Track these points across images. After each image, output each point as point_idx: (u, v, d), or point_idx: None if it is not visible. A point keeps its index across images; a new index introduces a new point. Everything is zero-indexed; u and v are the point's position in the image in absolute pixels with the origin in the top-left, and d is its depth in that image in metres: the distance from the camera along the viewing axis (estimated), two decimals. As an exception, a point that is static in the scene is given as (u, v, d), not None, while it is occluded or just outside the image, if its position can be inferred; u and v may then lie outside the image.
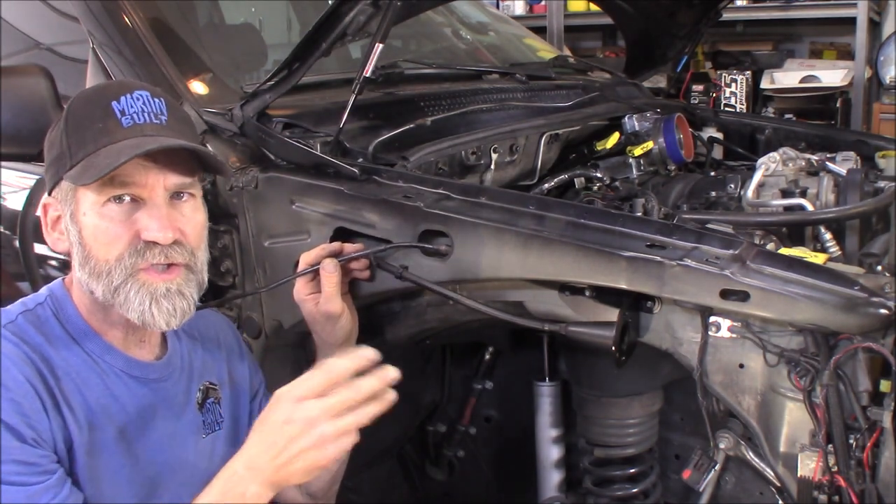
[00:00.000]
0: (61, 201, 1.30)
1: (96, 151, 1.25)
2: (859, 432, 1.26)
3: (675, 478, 2.01)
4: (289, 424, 1.18)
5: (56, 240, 1.33)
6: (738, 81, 4.17)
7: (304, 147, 1.67)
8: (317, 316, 1.52)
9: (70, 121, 1.28)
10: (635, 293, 1.40)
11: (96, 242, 1.27)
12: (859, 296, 1.24)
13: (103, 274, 1.26)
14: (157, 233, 1.26)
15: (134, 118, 1.27)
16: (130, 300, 1.26)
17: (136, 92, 1.29)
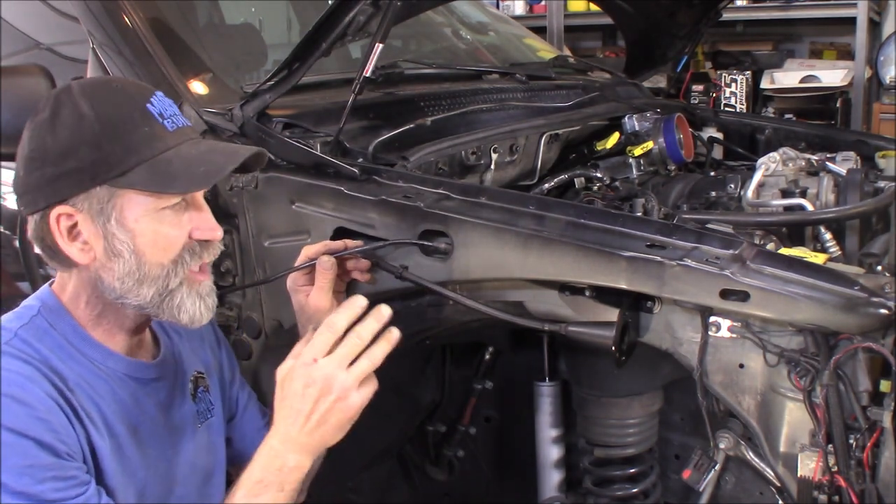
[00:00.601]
0: (87, 209, 1.23)
1: (154, 157, 1.23)
2: (859, 432, 1.26)
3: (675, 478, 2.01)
4: (309, 387, 1.26)
5: (80, 251, 1.25)
6: (738, 81, 4.17)
7: (304, 147, 1.67)
8: (305, 308, 1.53)
9: (106, 123, 1.22)
10: (635, 293, 1.40)
11: (155, 248, 1.26)
12: (859, 296, 1.24)
13: (159, 278, 1.26)
14: (212, 232, 1.30)
15: (174, 122, 1.28)
16: (184, 302, 1.29)
17: (156, 93, 1.29)
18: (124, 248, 1.25)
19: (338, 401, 1.26)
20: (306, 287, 1.54)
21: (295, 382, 1.28)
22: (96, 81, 1.32)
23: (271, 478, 1.28)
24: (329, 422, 1.27)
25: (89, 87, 1.26)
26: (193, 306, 1.30)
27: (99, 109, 1.23)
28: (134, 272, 1.25)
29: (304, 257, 1.53)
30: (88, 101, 1.23)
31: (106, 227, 1.24)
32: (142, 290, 1.26)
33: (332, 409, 1.26)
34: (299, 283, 1.55)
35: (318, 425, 1.27)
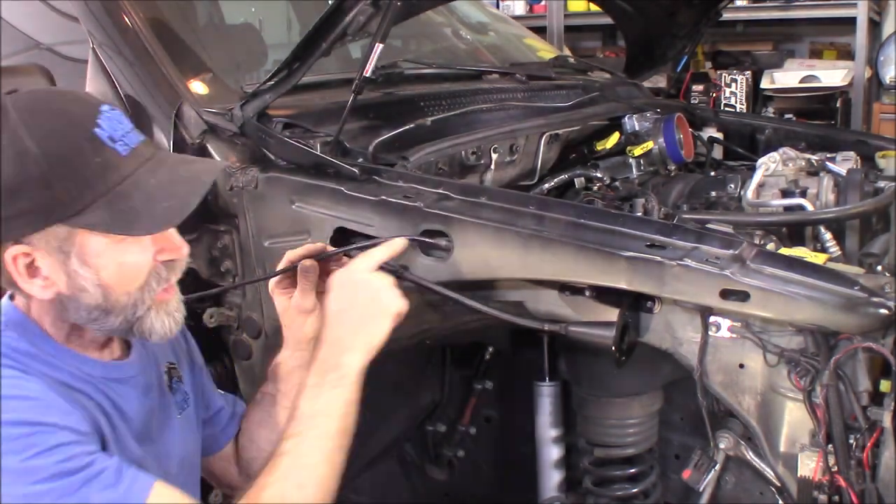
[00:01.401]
0: (45, 248, 1.17)
1: (110, 191, 1.17)
2: (859, 432, 1.26)
3: (675, 478, 2.01)
4: (344, 288, 1.37)
5: (42, 288, 1.19)
6: (738, 81, 4.17)
7: (304, 147, 1.67)
8: (289, 311, 1.53)
9: (52, 161, 1.13)
10: (635, 293, 1.40)
11: (121, 279, 1.21)
12: (859, 296, 1.24)
13: (128, 307, 1.22)
14: (177, 251, 1.26)
15: (126, 142, 1.20)
16: (153, 325, 1.25)
17: (101, 109, 1.20)
18: (88, 284, 1.19)
19: (372, 294, 1.35)
20: (289, 290, 1.53)
21: (334, 290, 1.37)
22: (35, 102, 1.20)
23: (329, 377, 1.32)
24: (369, 315, 1.34)
25: (27, 112, 1.16)
26: (163, 326, 1.26)
27: (42, 142, 1.14)
28: (101, 304, 1.21)
29: (286, 261, 1.53)
30: (28, 131, 1.14)
31: (67, 265, 1.18)
32: (109, 319, 1.23)
33: (368, 303, 1.34)
34: (281, 286, 1.53)
35: (359, 321, 1.34)
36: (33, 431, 1.10)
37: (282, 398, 1.54)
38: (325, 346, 1.35)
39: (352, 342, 1.34)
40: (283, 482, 1.24)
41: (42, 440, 1.09)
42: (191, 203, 1.21)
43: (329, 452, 1.28)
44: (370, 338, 1.34)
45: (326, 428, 1.29)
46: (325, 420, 1.29)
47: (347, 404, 1.32)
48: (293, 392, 1.53)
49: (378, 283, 1.36)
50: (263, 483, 1.25)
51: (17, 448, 1.08)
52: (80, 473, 1.10)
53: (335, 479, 1.28)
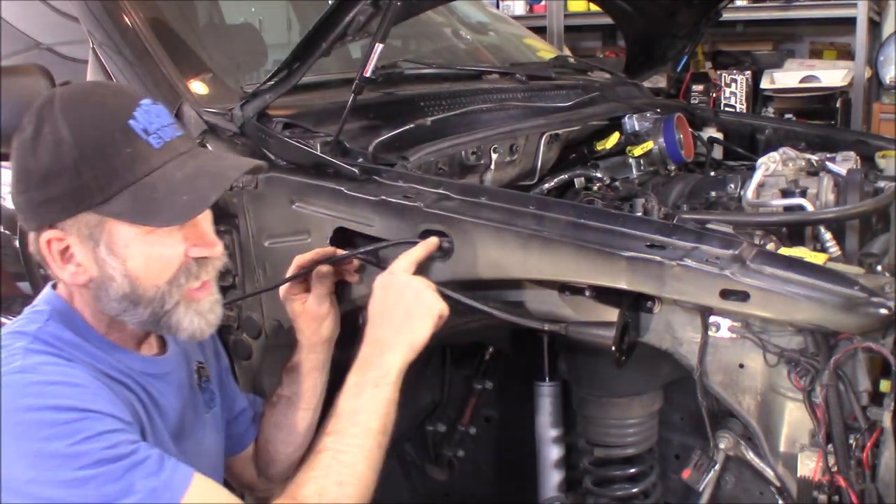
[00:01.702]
0: (77, 234, 1.20)
1: (137, 181, 1.19)
2: (859, 432, 1.26)
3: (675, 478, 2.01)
4: (388, 290, 1.39)
5: (73, 273, 1.23)
6: (738, 81, 4.17)
7: (304, 147, 1.67)
8: (303, 315, 1.53)
9: (85, 147, 1.17)
10: (635, 293, 1.40)
11: (147, 270, 1.22)
12: (859, 296, 1.24)
13: (155, 300, 1.24)
14: (209, 248, 1.27)
15: (161, 136, 1.22)
16: (181, 322, 1.26)
17: (142, 103, 1.23)
18: (116, 273, 1.21)
19: (414, 296, 1.37)
20: (301, 295, 1.53)
21: (377, 293, 1.40)
22: (77, 94, 1.24)
23: (371, 376, 1.34)
24: (411, 316, 1.36)
25: (69, 103, 1.20)
26: (192, 325, 1.27)
27: (77, 132, 1.18)
28: (129, 294, 1.23)
29: (295, 267, 1.53)
30: (67, 120, 1.18)
31: (96, 252, 1.21)
32: (137, 310, 1.24)
33: (411, 304, 1.37)
34: (293, 291, 1.54)
35: (401, 322, 1.36)
36: (81, 417, 1.11)
37: (297, 400, 1.55)
38: (368, 346, 1.37)
39: (394, 342, 1.36)
40: (322, 479, 1.25)
41: (89, 426, 1.11)
42: (210, 197, 1.23)
43: (369, 451, 1.29)
44: (412, 337, 1.36)
45: (367, 426, 1.30)
46: (366, 418, 1.31)
47: (388, 403, 1.33)
48: (308, 393, 1.55)
49: (419, 285, 1.39)
50: (303, 479, 1.25)
51: (64, 433, 1.09)
52: (124, 460, 1.11)
53: (374, 477, 1.29)
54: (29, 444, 1.08)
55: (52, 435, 1.08)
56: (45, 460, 1.08)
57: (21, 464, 1.08)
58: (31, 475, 1.08)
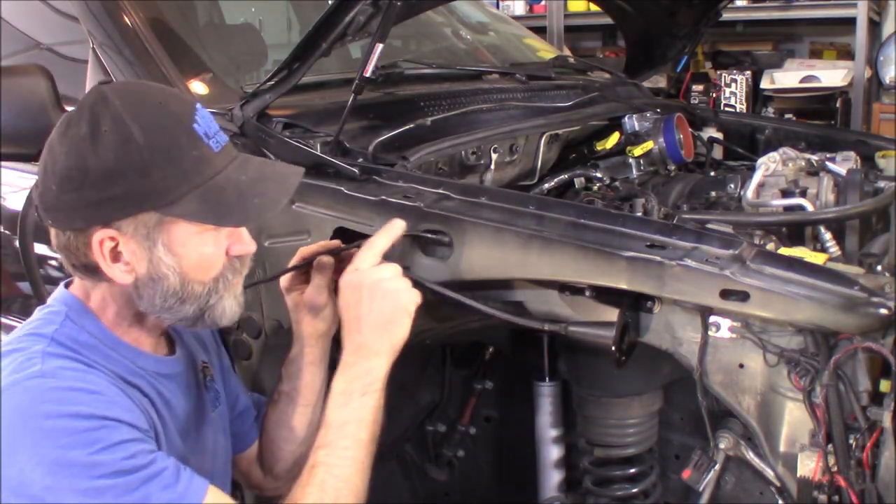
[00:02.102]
0: (133, 234, 1.21)
1: (204, 184, 1.22)
2: (859, 432, 1.26)
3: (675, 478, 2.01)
4: (357, 291, 1.35)
5: (122, 273, 1.24)
6: (738, 81, 4.17)
7: (304, 147, 1.67)
8: (301, 306, 1.54)
9: (155, 148, 1.18)
10: (635, 293, 1.40)
11: (199, 269, 1.26)
12: (859, 296, 1.24)
13: (202, 296, 1.27)
14: (249, 246, 1.32)
15: (218, 140, 1.26)
16: (225, 310, 1.30)
17: (198, 108, 1.26)
18: (170, 272, 1.24)
19: (388, 295, 1.34)
20: (301, 286, 1.54)
21: (346, 293, 1.36)
22: (136, 94, 1.25)
23: (357, 384, 1.32)
24: (389, 317, 1.33)
25: (131, 104, 1.21)
26: (231, 310, 1.31)
27: (148, 133, 1.18)
28: (178, 292, 1.25)
29: (298, 257, 1.54)
30: (135, 121, 1.18)
31: (152, 252, 1.23)
32: (184, 307, 1.27)
33: (386, 303, 1.33)
34: (294, 282, 1.55)
35: (380, 325, 1.33)
36: (100, 426, 1.12)
37: (297, 396, 1.56)
38: (349, 352, 1.35)
39: (377, 346, 1.34)
40: (319, 495, 1.25)
41: (108, 435, 1.12)
42: (280, 200, 1.30)
43: (360, 462, 1.29)
44: (393, 339, 1.35)
45: (357, 437, 1.30)
46: (356, 428, 1.30)
47: (375, 411, 1.32)
48: (308, 389, 1.55)
49: (389, 279, 1.36)
50: (300, 495, 1.26)
51: (84, 441, 1.10)
52: (142, 471, 1.12)
53: (366, 486, 1.30)
54: (47, 450, 1.09)
55: (71, 443, 1.09)
56: (63, 468, 1.08)
57: (39, 470, 1.08)
58: (47, 482, 1.08)
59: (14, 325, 2.31)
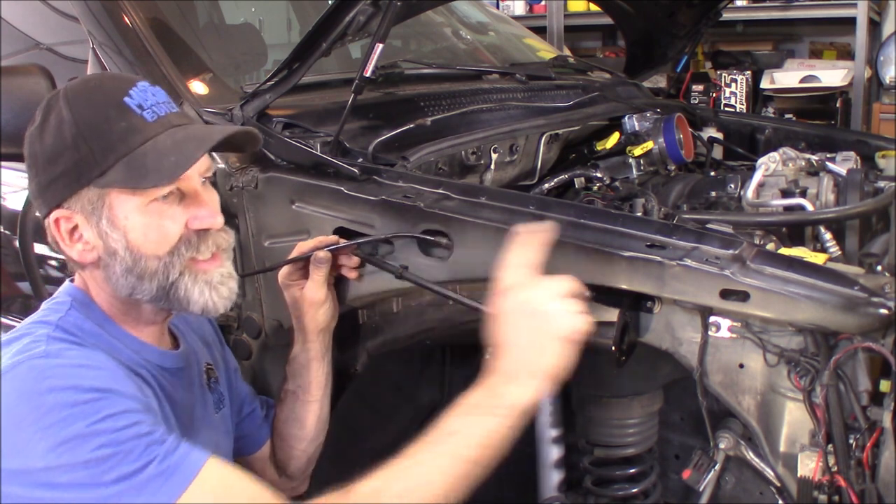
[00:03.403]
0: (81, 210, 1.25)
1: (131, 152, 1.22)
2: (859, 432, 1.26)
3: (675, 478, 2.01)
4: (504, 314, 1.23)
5: (81, 252, 1.27)
6: (738, 81, 4.17)
7: (304, 147, 1.67)
8: (299, 301, 1.54)
9: (81, 125, 1.22)
10: (635, 293, 1.40)
11: (147, 242, 1.25)
12: (859, 296, 1.24)
13: (158, 272, 1.26)
14: (210, 219, 1.28)
15: (155, 111, 1.26)
16: (190, 293, 1.28)
17: (138, 84, 1.27)
18: (118, 246, 1.25)
19: (537, 318, 1.21)
20: (300, 282, 1.55)
21: (500, 316, 1.24)
22: (80, 82, 1.30)
23: (485, 402, 1.22)
24: (534, 343, 1.21)
25: (72, 91, 1.26)
26: (202, 296, 1.28)
27: (76, 111, 1.23)
28: (132, 268, 1.25)
29: (297, 252, 1.54)
30: (69, 104, 1.23)
31: (99, 226, 1.25)
32: (144, 284, 1.26)
33: (538, 327, 1.21)
34: (292, 277, 1.56)
35: (529, 349, 1.21)
36: (102, 397, 1.12)
37: (303, 393, 1.57)
38: (495, 375, 1.25)
39: (516, 373, 1.22)
40: (385, 481, 1.20)
41: (110, 405, 1.12)
42: (195, 155, 1.25)
43: (450, 476, 1.20)
44: (539, 367, 1.23)
45: (458, 451, 1.21)
46: (461, 442, 1.21)
47: (492, 436, 1.21)
48: (313, 385, 1.56)
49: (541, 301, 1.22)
50: (367, 474, 1.21)
51: (85, 412, 1.10)
52: (145, 438, 1.12)
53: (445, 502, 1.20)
54: (50, 425, 1.08)
55: (72, 415, 1.09)
56: (65, 442, 1.08)
57: (41, 446, 1.08)
58: (49, 460, 1.07)
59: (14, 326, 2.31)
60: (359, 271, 1.59)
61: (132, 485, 1.08)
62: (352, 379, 1.74)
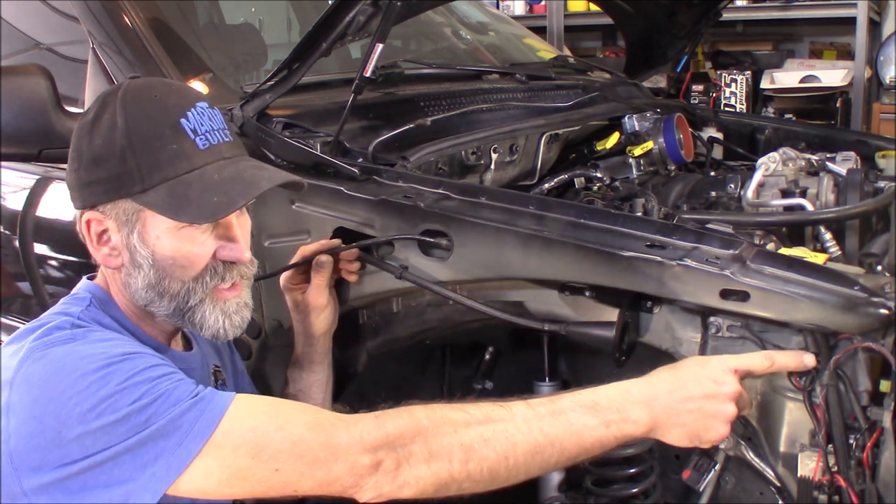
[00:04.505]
0: (115, 218, 1.25)
1: (177, 177, 1.22)
2: (859, 432, 1.26)
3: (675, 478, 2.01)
4: (705, 382, 1.20)
5: (107, 256, 1.27)
6: (738, 81, 4.17)
7: (304, 147, 1.67)
8: (301, 306, 1.54)
9: (134, 137, 1.21)
10: (635, 293, 1.40)
11: (174, 265, 1.25)
12: (859, 296, 1.24)
13: (179, 294, 1.26)
14: (239, 254, 1.29)
15: (208, 138, 1.25)
16: (206, 319, 1.28)
17: (197, 105, 1.26)
18: (144, 263, 1.25)
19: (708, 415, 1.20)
20: (301, 286, 1.55)
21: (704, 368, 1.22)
22: (141, 86, 1.28)
23: (604, 404, 1.20)
24: (684, 418, 1.20)
25: (132, 95, 1.25)
26: (216, 323, 1.29)
27: (131, 121, 1.22)
28: (154, 285, 1.26)
29: (299, 256, 1.54)
30: (125, 110, 1.22)
31: (129, 239, 1.25)
32: (162, 301, 1.27)
33: (698, 412, 1.20)
34: (294, 282, 1.56)
35: (678, 411, 1.20)
36: (134, 355, 1.14)
37: (304, 396, 1.57)
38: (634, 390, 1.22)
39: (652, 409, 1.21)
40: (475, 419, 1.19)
41: (143, 361, 1.14)
42: (237, 202, 1.25)
43: (531, 447, 1.17)
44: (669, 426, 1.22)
45: (553, 430, 1.18)
46: (561, 423, 1.18)
47: (591, 438, 1.19)
48: (314, 388, 1.56)
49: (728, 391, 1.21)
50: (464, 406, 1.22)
51: (121, 369, 1.11)
52: (182, 383, 1.14)
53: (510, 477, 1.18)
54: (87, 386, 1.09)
55: (109, 373, 1.10)
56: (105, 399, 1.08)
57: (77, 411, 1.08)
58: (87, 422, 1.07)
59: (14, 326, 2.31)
60: (359, 273, 1.59)
61: (171, 422, 1.09)
62: (352, 379, 1.74)
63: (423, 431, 1.15)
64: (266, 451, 1.11)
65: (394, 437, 1.14)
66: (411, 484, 1.13)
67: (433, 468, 1.14)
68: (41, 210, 2.16)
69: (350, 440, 1.12)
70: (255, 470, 1.11)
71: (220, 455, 1.10)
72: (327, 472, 1.12)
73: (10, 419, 1.11)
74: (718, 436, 1.22)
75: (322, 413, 1.20)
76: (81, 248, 1.32)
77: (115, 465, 1.08)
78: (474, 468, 1.15)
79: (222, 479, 1.10)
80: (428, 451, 1.14)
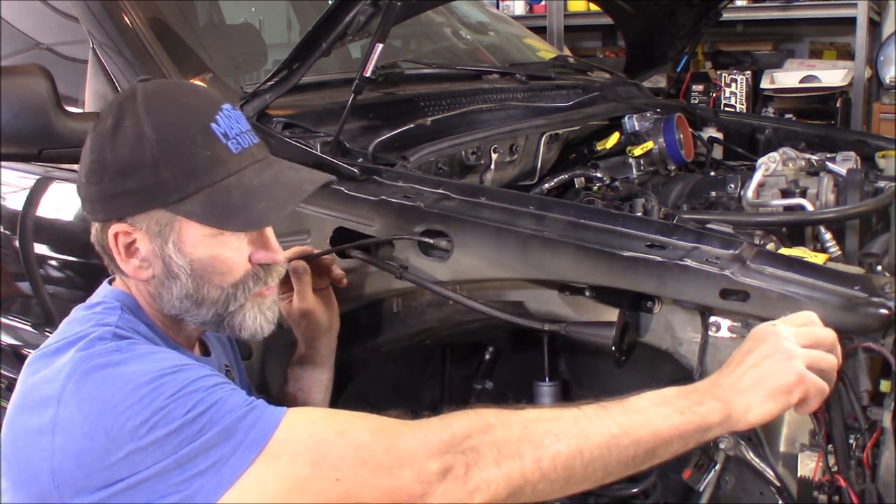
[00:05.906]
0: (146, 230, 1.20)
1: (214, 184, 1.19)
2: (859, 432, 1.26)
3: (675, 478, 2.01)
4: (756, 341, 1.16)
5: (137, 268, 1.23)
6: (738, 81, 4.17)
7: (304, 147, 1.67)
8: (292, 314, 1.54)
9: (165, 145, 1.17)
10: (635, 293, 1.40)
11: (214, 273, 1.22)
12: (859, 296, 1.24)
13: (219, 301, 1.24)
14: (275, 255, 1.28)
15: (239, 142, 1.22)
16: (246, 321, 1.26)
17: (223, 108, 1.23)
18: (181, 272, 1.21)
19: (782, 376, 1.12)
20: (287, 294, 1.54)
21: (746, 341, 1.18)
22: (162, 92, 1.25)
23: (670, 395, 1.15)
24: (765, 383, 1.12)
25: (154, 100, 1.21)
26: (255, 322, 1.27)
27: (160, 129, 1.18)
28: (192, 294, 1.23)
29: None
30: (150, 117, 1.18)
31: (163, 249, 1.21)
32: (200, 310, 1.24)
33: (762, 357, 1.14)
34: (280, 291, 1.54)
35: (750, 384, 1.13)
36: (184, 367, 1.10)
37: (303, 397, 1.56)
38: (706, 385, 1.17)
39: (724, 397, 1.14)
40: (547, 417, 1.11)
41: (194, 371, 1.10)
42: (287, 206, 1.24)
43: (609, 443, 1.10)
44: (747, 403, 1.13)
45: (632, 426, 1.11)
46: (640, 419, 1.12)
47: (672, 432, 1.12)
48: (314, 388, 1.56)
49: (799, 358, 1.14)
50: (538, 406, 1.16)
51: (174, 380, 1.07)
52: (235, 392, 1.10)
53: (587, 476, 1.12)
54: (140, 399, 1.04)
55: (162, 384, 1.05)
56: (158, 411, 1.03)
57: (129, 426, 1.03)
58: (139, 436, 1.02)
59: (14, 326, 2.31)
60: (346, 277, 1.58)
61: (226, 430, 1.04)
62: (352, 379, 1.74)
63: (490, 429, 1.08)
64: (327, 458, 1.04)
65: (461, 438, 1.07)
66: (482, 489, 1.05)
67: (504, 469, 1.06)
68: (41, 210, 2.16)
69: (416, 444, 1.06)
70: (315, 480, 1.03)
71: (276, 465, 1.03)
72: (393, 479, 1.04)
73: (56, 436, 1.05)
74: (795, 376, 1.12)
75: (383, 418, 1.12)
76: (82, 249, 1.31)
77: (161, 481, 1.02)
78: (547, 466, 1.07)
79: (279, 492, 1.03)
80: (497, 451, 1.07)
